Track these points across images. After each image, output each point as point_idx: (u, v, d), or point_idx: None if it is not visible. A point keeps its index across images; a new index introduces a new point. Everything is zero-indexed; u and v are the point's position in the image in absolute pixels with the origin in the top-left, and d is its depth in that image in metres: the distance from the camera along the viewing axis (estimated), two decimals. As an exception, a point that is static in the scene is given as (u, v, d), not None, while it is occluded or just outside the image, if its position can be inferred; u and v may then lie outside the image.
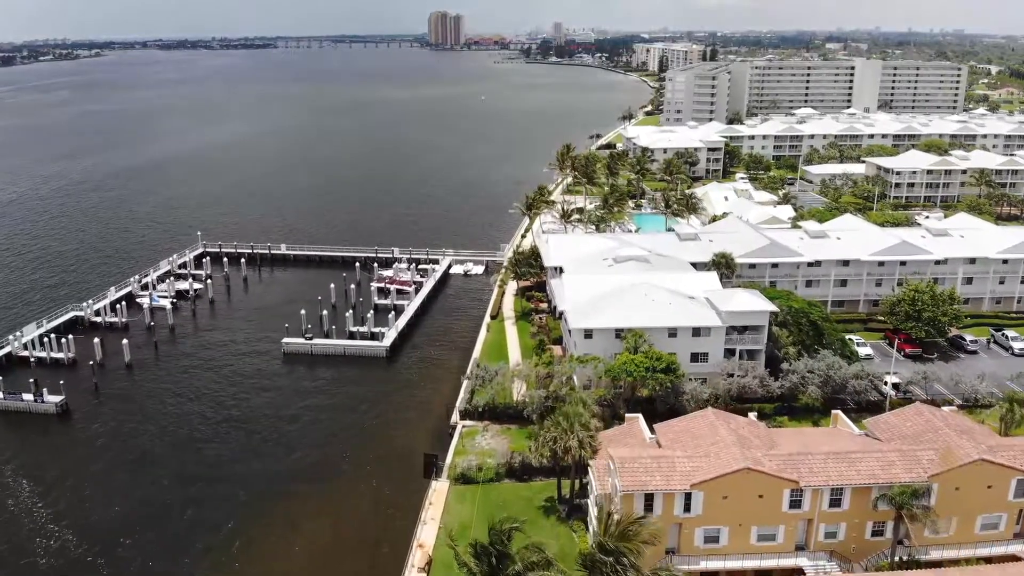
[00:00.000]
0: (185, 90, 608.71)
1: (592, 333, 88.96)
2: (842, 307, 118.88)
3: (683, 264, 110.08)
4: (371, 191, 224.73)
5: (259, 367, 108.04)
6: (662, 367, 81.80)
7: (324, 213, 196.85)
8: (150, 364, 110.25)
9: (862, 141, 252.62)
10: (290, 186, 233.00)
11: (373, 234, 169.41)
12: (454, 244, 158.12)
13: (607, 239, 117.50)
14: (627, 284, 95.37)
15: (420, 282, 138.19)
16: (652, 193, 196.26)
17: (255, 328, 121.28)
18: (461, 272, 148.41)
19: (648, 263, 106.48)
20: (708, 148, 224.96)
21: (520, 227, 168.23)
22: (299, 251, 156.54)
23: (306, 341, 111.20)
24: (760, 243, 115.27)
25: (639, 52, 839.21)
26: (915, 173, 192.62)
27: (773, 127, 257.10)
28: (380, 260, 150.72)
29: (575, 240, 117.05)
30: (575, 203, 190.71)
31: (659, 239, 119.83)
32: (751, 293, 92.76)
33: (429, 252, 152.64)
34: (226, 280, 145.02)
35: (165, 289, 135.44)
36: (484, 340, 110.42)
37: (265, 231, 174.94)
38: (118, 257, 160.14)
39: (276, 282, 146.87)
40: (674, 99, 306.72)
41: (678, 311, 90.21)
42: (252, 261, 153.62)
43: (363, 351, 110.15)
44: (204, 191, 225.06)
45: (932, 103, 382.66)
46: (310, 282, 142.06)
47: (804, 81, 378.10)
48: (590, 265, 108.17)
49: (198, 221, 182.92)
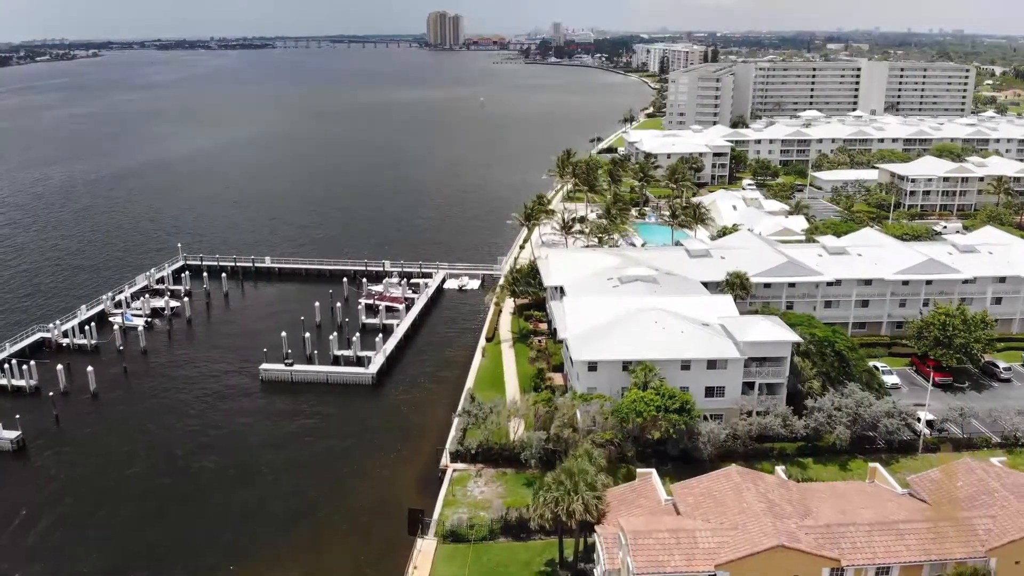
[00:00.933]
0: (178, 92, 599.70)
1: (597, 365, 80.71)
2: (863, 329, 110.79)
3: (694, 284, 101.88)
4: (363, 199, 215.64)
5: (235, 397, 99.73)
6: (675, 407, 73.55)
7: (313, 223, 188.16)
8: (118, 393, 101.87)
9: (872, 146, 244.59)
10: (278, 194, 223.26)
11: (363, 246, 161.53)
12: (449, 257, 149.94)
13: (611, 255, 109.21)
14: (635, 309, 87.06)
15: (412, 298, 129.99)
16: (656, 201, 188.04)
17: (233, 351, 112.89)
18: (456, 287, 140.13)
19: (656, 283, 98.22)
20: (714, 153, 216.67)
21: (518, 238, 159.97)
22: (285, 264, 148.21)
23: (286, 367, 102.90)
24: (776, 261, 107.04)
25: (639, 53, 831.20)
26: (931, 181, 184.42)
27: (780, 131, 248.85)
28: (370, 274, 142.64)
29: (576, 257, 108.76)
30: (576, 211, 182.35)
31: (667, 255, 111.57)
32: (771, 320, 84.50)
33: (422, 266, 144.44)
34: (206, 296, 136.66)
35: (139, 307, 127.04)
36: (479, 366, 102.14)
37: (250, 242, 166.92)
38: (93, 272, 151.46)
39: (259, 298, 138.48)
40: (677, 101, 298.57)
41: (692, 341, 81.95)
42: (235, 275, 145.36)
43: (347, 378, 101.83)
44: (188, 199, 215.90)
45: (940, 105, 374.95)
46: (295, 298, 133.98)
47: (809, 83, 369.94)
48: (593, 285, 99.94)
49: (180, 232, 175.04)
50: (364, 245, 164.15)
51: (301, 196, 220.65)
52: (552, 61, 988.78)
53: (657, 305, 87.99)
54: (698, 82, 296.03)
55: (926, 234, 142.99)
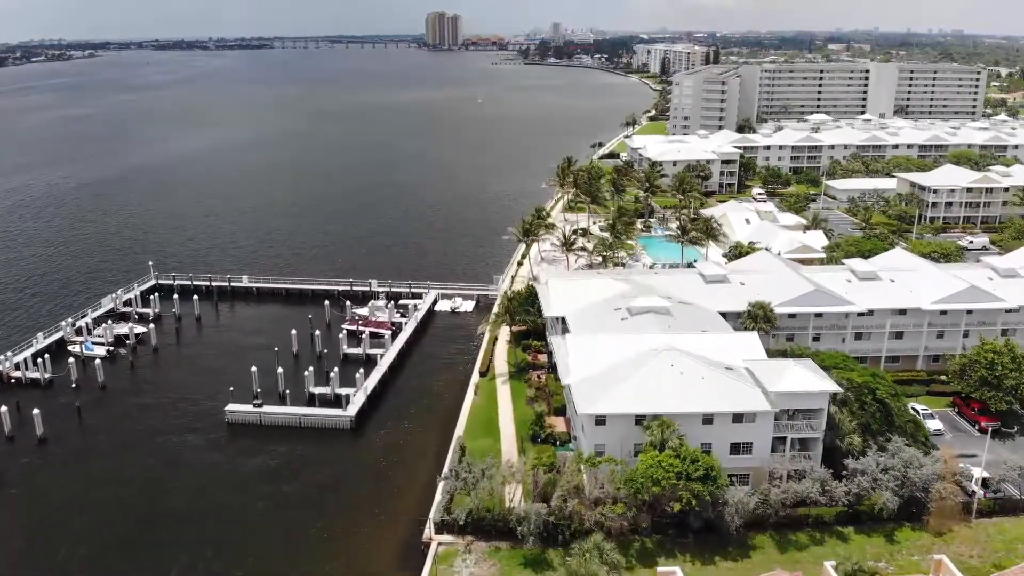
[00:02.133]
0: (172, 92, 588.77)
1: (606, 419, 69.92)
2: (897, 363, 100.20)
3: (711, 316, 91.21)
4: (351, 209, 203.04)
5: (197, 442, 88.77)
6: (699, 474, 62.82)
7: (296, 236, 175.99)
8: (67, 437, 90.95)
9: (886, 152, 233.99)
10: (261, 204, 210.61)
11: (349, 262, 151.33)
12: (440, 275, 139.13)
13: (618, 281, 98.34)
14: (648, 350, 76.32)
15: (399, 323, 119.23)
16: (662, 212, 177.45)
17: (200, 386, 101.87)
18: (448, 309, 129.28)
19: (670, 316, 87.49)
20: (722, 160, 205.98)
21: (516, 254, 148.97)
22: (263, 284, 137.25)
23: (254, 408, 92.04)
24: (802, 288, 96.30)
25: (639, 53, 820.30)
26: (953, 191, 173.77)
27: (789, 136, 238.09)
28: (355, 295, 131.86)
29: (579, 284, 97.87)
30: (577, 222, 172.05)
31: (680, 281, 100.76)
32: (804, 365, 73.64)
33: (412, 285, 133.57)
34: (177, 320, 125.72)
35: (102, 334, 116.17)
36: (471, 406, 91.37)
37: (228, 258, 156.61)
38: (58, 293, 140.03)
39: (234, 322, 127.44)
40: (681, 105, 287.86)
41: (715, 390, 71.16)
42: (209, 295, 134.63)
43: (323, 421, 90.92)
44: (167, 210, 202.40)
45: (950, 108, 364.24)
46: (273, 322, 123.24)
47: (816, 85, 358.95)
48: (599, 317, 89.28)
49: (154, 247, 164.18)
50: (350, 261, 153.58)
51: (285, 206, 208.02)
52: (551, 62, 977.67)
53: (673, 344, 77.24)
54: (703, 85, 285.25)
55: (956, 252, 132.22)
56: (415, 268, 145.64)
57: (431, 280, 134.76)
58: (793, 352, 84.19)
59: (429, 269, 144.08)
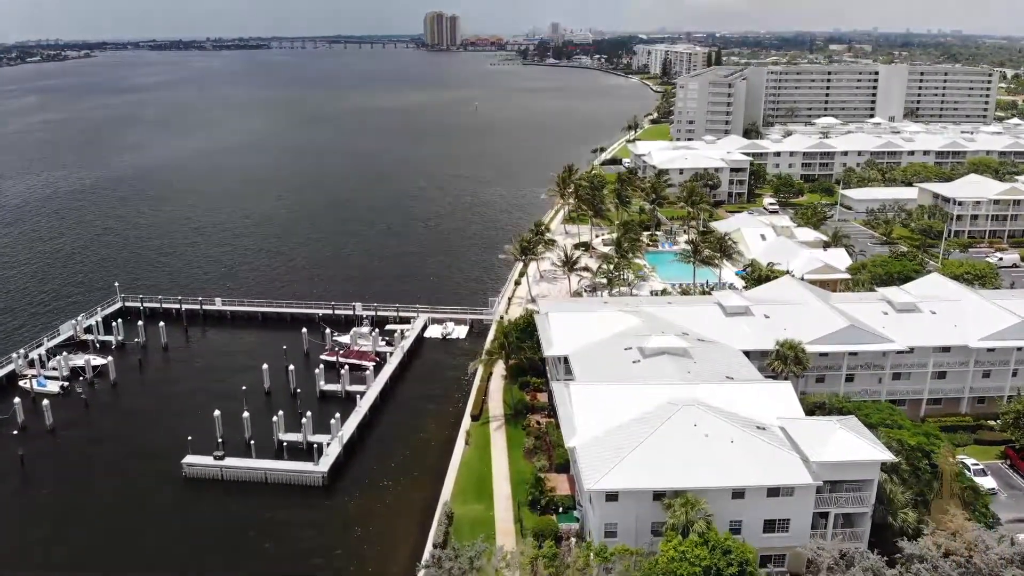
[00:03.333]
0: (161, 95, 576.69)
1: (618, 495, 59.08)
2: (939, 405, 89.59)
3: (734, 356, 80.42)
4: (337, 222, 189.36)
5: (149, 501, 77.83)
6: (732, 571, 51.95)
7: (275, 253, 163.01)
8: (4, 497, 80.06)
9: (901, 159, 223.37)
10: (239, 217, 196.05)
11: (333, 282, 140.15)
12: (431, 296, 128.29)
13: (627, 314, 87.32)
14: (665, 403, 65.53)
15: (384, 354, 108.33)
16: (670, 224, 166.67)
17: (158, 431, 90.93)
18: (439, 335, 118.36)
19: (688, 358, 76.63)
20: (731, 168, 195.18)
21: (513, 272, 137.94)
22: (237, 307, 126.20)
23: (215, 461, 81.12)
24: (835, 324, 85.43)
25: (640, 54, 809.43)
26: (979, 204, 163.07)
27: (800, 142, 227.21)
28: (337, 319, 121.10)
29: (584, 318, 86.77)
30: (579, 235, 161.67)
31: (696, 313, 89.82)
32: (849, 427, 62.75)
33: (399, 309, 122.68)
34: (142, 349, 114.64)
35: (56, 367, 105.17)
36: (461, 458, 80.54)
37: (200, 279, 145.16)
38: (12, 319, 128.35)
39: (204, 352, 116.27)
40: (686, 108, 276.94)
41: (746, 457, 60.37)
42: (180, 320, 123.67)
43: (292, 477, 79.91)
44: (138, 225, 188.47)
45: (961, 112, 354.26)
46: (246, 351, 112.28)
47: (824, 87, 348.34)
48: (607, 358, 78.44)
49: (123, 266, 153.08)
50: (334, 281, 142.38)
51: (265, 219, 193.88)
52: (550, 62, 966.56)
53: (695, 396, 66.45)
54: (709, 88, 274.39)
55: (991, 273, 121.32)
56: (404, 289, 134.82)
57: (421, 303, 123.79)
58: (832, 405, 73.29)
59: (419, 290, 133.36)
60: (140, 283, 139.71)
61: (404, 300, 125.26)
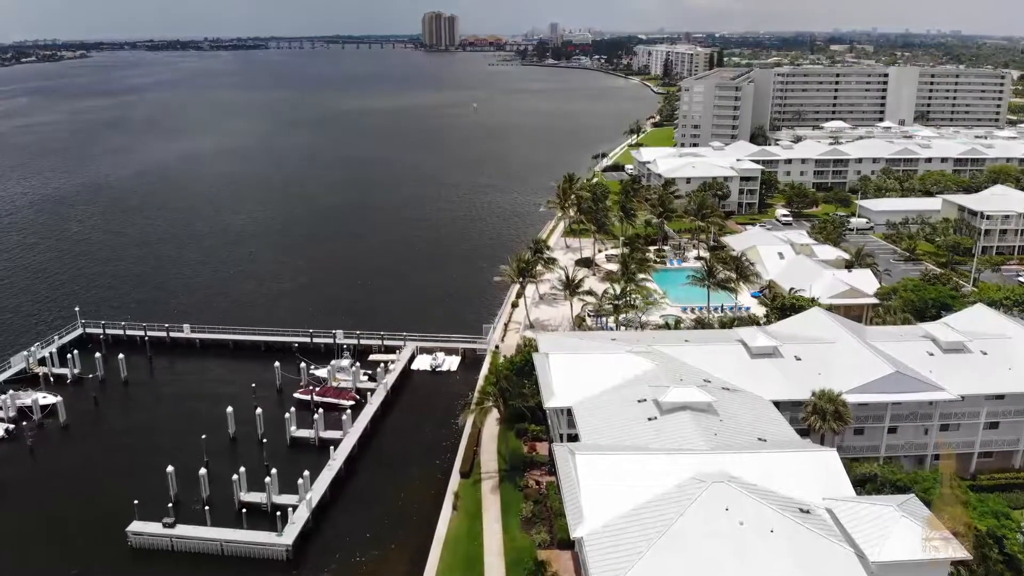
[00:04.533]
0: (152, 97, 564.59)
1: (635, 604, 48.19)
2: (990, 459, 78.80)
3: (764, 409, 69.58)
4: (321, 237, 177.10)
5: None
6: None
7: (253, 273, 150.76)
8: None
9: (918, 166, 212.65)
10: (217, 230, 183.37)
11: (313, 304, 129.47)
12: (420, 322, 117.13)
13: (638, 356, 76.23)
14: (689, 479, 54.69)
15: (367, 391, 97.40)
16: (678, 239, 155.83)
17: (107, 487, 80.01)
18: (428, 367, 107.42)
19: (713, 414, 65.72)
20: (741, 177, 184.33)
21: (510, 294, 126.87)
22: (208, 334, 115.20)
23: (165, 530, 70.16)
24: (878, 370, 74.48)
25: (640, 54, 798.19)
26: (1008, 218, 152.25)
27: (812, 149, 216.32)
28: (316, 348, 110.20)
29: (590, 362, 75.61)
30: (580, 249, 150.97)
31: (717, 353, 78.87)
32: (910, 514, 51.81)
33: (385, 337, 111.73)
34: (100, 384, 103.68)
35: (2, 407, 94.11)
36: (447, 529, 69.60)
37: (170, 300, 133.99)
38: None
39: (168, 387, 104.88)
40: (691, 112, 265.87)
41: (790, 553, 49.50)
42: (144, 348, 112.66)
43: (252, 550, 68.89)
44: (108, 241, 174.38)
45: (972, 115, 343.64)
46: (212, 388, 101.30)
47: (832, 90, 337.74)
48: (618, 413, 67.52)
49: (87, 287, 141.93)
50: (314, 303, 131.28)
51: (244, 233, 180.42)
52: (549, 63, 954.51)
53: (724, 468, 55.59)
54: (715, 91, 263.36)
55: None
56: (390, 313, 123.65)
57: (408, 331, 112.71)
58: (885, 478, 62.41)
59: (406, 315, 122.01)
60: (106, 305, 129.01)
61: (390, 326, 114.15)
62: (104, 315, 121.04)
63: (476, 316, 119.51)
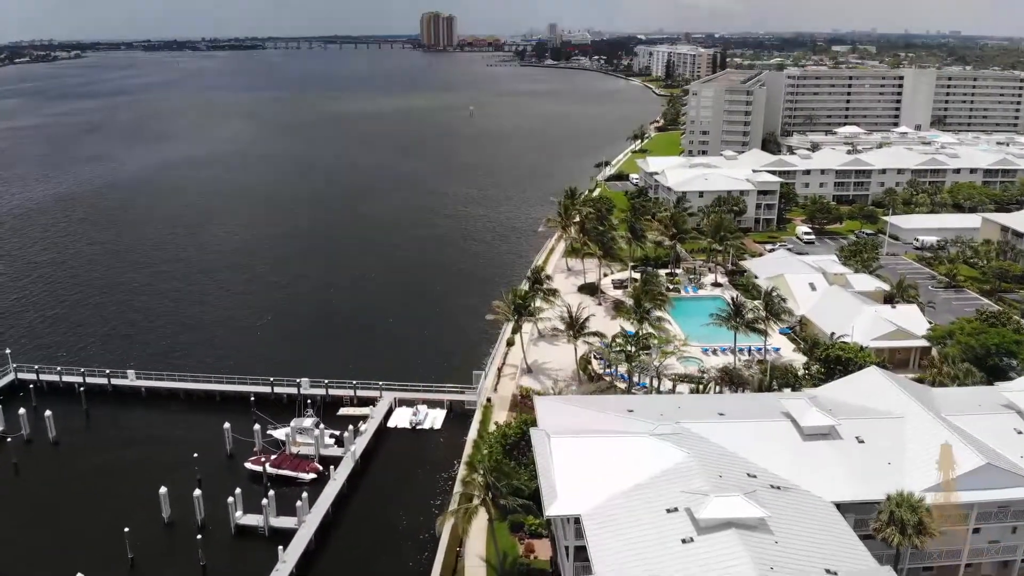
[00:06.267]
0: (135, 99, 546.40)
1: None
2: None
3: (826, 515, 54.17)
4: (293, 263, 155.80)
5: None
6: None
7: (212, 306, 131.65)
8: None
9: (946, 177, 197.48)
10: (180, 256, 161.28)
11: (277, 347, 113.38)
12: (399, 367, 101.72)
13: (665, 443, 60.32)
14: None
15: (331, 460, 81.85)
16: (692, 262, 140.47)
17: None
18: (407, 424, 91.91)
19: (766, 532, 50.24)
20: (759, 191, 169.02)
21: (504, 331, 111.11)
22: (154, 382, 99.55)
23: (56, 673, 54.74)
24: (965, 462, 58.83)
25: (641, 55, 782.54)
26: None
27: (832, 159, 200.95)
28: (277, 399, 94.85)
29: (602, 448, 59.81)
30: (583, 271, 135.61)
31: (761, 434, 63.29)
32: None
33: (358, 386, 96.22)
34: (24, 444, 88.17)
35: None
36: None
37: (115, 340, 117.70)
38: None
39: (101, 450, 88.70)
40: (700, 118, 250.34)
41: None
42: (80, 399, 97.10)
43: None
44: (53, 271, 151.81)
45: (990, 120, 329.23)
46: (152, 451, 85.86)
47: (845, 94, 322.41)
48: (640, 527, 52.02)
49: (25, 325, 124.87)
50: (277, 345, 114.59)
51: (209, 262, 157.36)
52: (548, 63, 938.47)
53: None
54: (725, 95, 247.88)
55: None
56: (365, 355, 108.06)
57: (385, 378, 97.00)
58: None
59: (385, 358, 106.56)
60: (41, 346, 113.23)
61: (364, 372, 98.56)
62: (40, 357, 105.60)
63: (465, 358, 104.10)
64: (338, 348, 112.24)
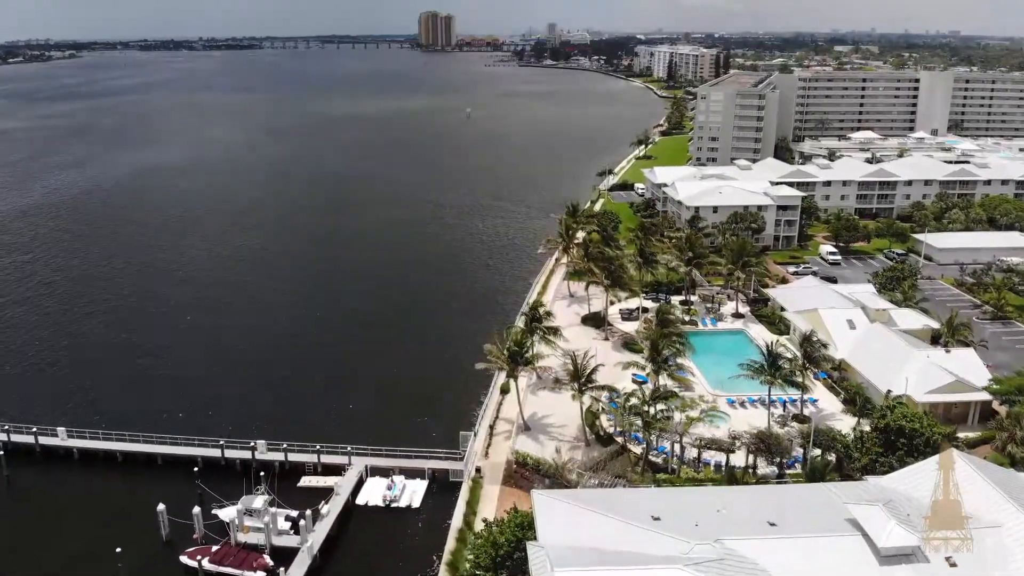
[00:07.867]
0: (124, 101, 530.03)
1: None
2: None
3: None
4: (262, 295, 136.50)
5: None
6: None
7: (162, 352, 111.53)
8: None
9: (976, 189, 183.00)
10: (133, 285, 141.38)
11: (231, 403, 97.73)
12: (374, 427, 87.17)
13: (690, 570, 46.16)
14: None
15: (286, 552, 67.39)
16: (709, 289, 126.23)
17: None
18: (380, 500, 77.04)
19: None
20: (779, 206, 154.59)
21: (497, 378, 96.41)
22: (88, 442, 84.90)
23: None
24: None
25: (642, 55, 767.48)
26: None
27: (855, 169, 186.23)
28: (228, 465, 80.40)
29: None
30: (587, 299, 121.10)
31: (825, 557, 48.84)
32: None
33: (323, 450, 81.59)
34: (-81, 524, 73.89)
35: None
36: None
37: (46, 392, 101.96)
38: None
39: (16, 528, 74.66)
40: (709, 123, 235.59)
41: None
42: (9, 457, 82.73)
43: None
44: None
45: (1009, 124, 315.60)
46: (75, 533, 71.39)
47: (858, 97, 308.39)
48: None
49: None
50: (231, 400, 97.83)
51: (164, 291, 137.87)
52: (547, 63, 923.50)
53: None
54: (736, 99, 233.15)
55: None
56: (333, 412, 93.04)
57: (356, 441, 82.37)
58: None
59: (356, 414, 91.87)
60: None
61: (331, 430, 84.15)
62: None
63: (451, 411, 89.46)
64: (302, 401, 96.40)
